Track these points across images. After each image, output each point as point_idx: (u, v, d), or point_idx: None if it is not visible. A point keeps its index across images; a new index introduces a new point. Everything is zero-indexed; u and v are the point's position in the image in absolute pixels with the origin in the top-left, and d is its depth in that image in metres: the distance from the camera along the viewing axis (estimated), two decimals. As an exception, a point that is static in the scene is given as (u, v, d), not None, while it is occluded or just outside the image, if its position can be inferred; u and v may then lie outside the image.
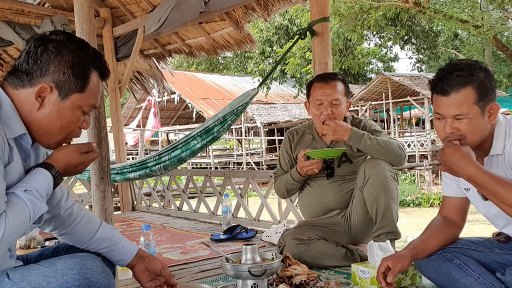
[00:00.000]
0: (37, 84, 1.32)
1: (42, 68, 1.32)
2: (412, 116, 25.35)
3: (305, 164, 2.56)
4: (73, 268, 1.22)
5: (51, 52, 1.32)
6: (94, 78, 1.39)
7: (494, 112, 1.61)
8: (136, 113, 23.16)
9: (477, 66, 1.61)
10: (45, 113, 1.34)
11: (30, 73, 1.32)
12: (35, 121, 1.34)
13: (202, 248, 3.24)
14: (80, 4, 2.82)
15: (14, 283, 1.22)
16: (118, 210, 5.60)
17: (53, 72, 1.32)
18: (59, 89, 1.33)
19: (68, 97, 1.34)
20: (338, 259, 2.51)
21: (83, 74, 1.36)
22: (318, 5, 3.50)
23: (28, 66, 1.32)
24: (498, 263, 1.71)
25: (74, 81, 1.34)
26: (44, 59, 1.32)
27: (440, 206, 1.92)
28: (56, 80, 1.33)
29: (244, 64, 29.35)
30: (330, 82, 2.63)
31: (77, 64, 1.35)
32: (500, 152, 1.63)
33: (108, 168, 2.96)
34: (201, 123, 5.18)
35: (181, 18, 4.24)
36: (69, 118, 1.36)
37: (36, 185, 1.28)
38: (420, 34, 25.07)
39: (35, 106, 1.32)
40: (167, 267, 1.65)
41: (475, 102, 1.58)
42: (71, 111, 1.36)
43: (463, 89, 1.58)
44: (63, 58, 1.33)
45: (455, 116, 1.59)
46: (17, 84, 1.33)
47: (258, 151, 22.03)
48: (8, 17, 5.06)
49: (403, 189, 12.93)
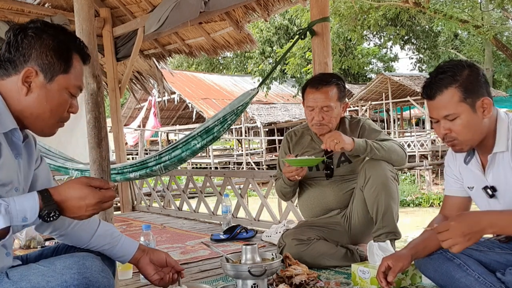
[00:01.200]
0: (22, 70, 1.33)
1: (25, 54, 1.33)
2: (412, 116, 25.35)
3: (286, 170, 2.55)
4: (72, 267, 1.22)
5: (31, 37, 1.34)
6: (76, 60, 1.41)
7: (488, 106, 1.61)
8: (136, 113, 23.14)
9: (459, 65, 1.64)
10: (34, 97, 1.35)
11: (14, 61, 1.33)
12: (25, 107, 1.34)
13: (202, 248, 3.24)
14: (80, 4, 2.82)
15: (13, 282, 1.21)
16: (118, 210, 5.60)
17: (35, 56, 1.34)
18: (44, 72, 1.35)
19: (54, 79, 1.36)
20: (338, 259, 2.51)
21: (65, 55, 1.37)
22: (318, 5, 3.50)
23: (11, 54, 1.33)
24: (499, 263, 1.70)
25: (57, 63, 1.36)
26: (25, 45, 1.33)
27: (442, 206, 1.92)
28: (40, 63, 1.34)
29: (244, 64, 29.34)
30: (321, 88, 2.58)
31: (58, 46, 1.36)
32: (504, 149, 1.63)
33: (108, 168, 2.96)
34: (201, 123, 5.18)
35: (181, 18, 4.24)
36: (58, 100, 1.37)
37: (13, 201, 1.17)
38: (420, 34, 25.06)
39: (23, 91, 1.33)
40: (170, 255, 1.65)
41: (461, 100, 1.60)
42: (59, 93, 1.37)
43: (446, 90, 1.61)
44: (43, 42, 1.34)
45: (444, 117, 1.63)
46: (2, 74, 1.34)
47: (258, 151, 22.02)
48: (8, 17, 5.06)
49: (403, 189, 12.92)
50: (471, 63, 1.66)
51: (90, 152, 3.01)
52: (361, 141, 2.45)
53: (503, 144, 1.63)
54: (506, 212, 1.54)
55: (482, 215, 1.53)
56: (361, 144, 2.43)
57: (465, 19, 16.12)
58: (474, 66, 1.64)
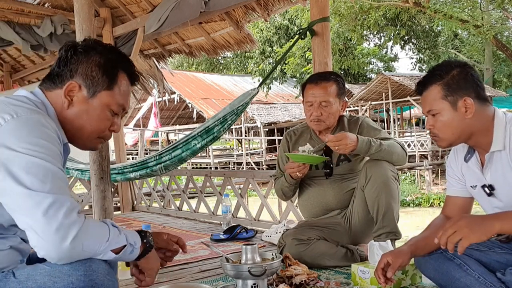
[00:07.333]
0: (66, 83, 1.37)
1: (72, 69, 1.37)
2: (412, 116, 25.33)
3: (288, 166, 2.56)
4: (79, 269, 1.22)
5: (79, 53, 1.38)
6: (123, 79, 1.43)
7: (470, 107, 1.63)
8: (136, 113, 23.15)
9: (449, 65, 1.69)
10: (75, 111, 1.38)
11: (61, 75, 1.38)
12: (66, 119, 1.38)
13: (202, 248, 3.24)
14: (80, 4, 2.83)
15: (20, 282, 1.22)
16: (118, 210, 5.59)
17: (81, 71, 1.37)
18: (88, 87, 1.38)
19: (97, 94, 1.38)
20: (338, 259, 2.51)
21: (111, 71, 1.40)
22: (318, 5, 3.50)
23: (59, 69, 1.39)
24: (499, 263, 1.70)
25: (102, 79, 1.38)
26: (73, 61, 1.38)
27: (443, 206, 1.92)
28: (84, 78, 1.38)
29: (244, 64, 29.35)
30: (320, 83, 2.61)
31: (105, 63, 1.39)
32: (501, 147, 1.64)
33: (108, 168, 2.96)
34: (201, 123, 5.17)
35: (181, 18, 4.24)
36: (98, 116, 1.40)
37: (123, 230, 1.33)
38: (420, 34, 25.04)
39: (65, 104, 1.37)
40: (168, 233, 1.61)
41: (442, 97, 1.66)
42: (100, 109, 1.39)
43: (430, 87, 1.69)
44: (91, 58, 1.38)
45: (428, 112, 1.71)
46: (50, 86, 1.39)
47: (258, 151, 22.02)
48: (8, 17, 5.06)
49: (403, 189, 12.91)
50: (463, 63, 1.70)
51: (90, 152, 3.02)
52: (365, 139, 2.45)
53: (500, 143, 1.64)
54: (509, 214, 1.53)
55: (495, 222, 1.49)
56: (365, 141, 2.44)
57: (465, 19, 16.13)
58: (465, 67, 1.68)
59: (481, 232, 1.45)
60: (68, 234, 1.16)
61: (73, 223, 1.17)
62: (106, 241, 1.24)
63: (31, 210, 1.15)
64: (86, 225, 1.20)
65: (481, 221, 1.47)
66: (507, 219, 1.48)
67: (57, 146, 1.26)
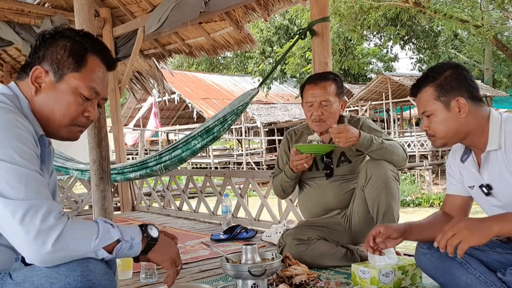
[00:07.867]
0: (32, 69, 1.34)
1: (39, 56, 1.35)
2: (412, 116, 25.34)
3: (295, 158, 2.55)
4: (76, 269, 1.21)
5: (46, 39, 1.36)
6: (93, 62, 1.38)
7: (463, 106, 1.65)
8: (136, 113, 23.17)
9: (443, 67, 1.72)
10: (43, 98, 1.34)
11: (30, 63, 1.36)
12: (36, 108, 1.34)
13: (202, 248, 3.24)
14: (80, 4, 2.83)
15: (17, 283, 1.21)
16: (118, 210, 5.59)
17: (48, 56, 1.35)
18: (54, 71, 1.34)
19: (64, 77, 1.34)
20: (338, 259, 2.51)
21: (78, 54, 1.35)
22: (318, 5, 3.50)
23: (30, 58, 1.37)
24: (499, 263, 1.71)
25: (67, 60, 1.34)
26: (41, 47, 1.35)
27: (443, 204, 1.93)
28: (50, 63, 1.34)
29: (244, 64, 29.35)
30: (319, 83, 2.62)
31: (71, 45, 1.36)
32: (496, 147, 1.64)
33: (108, 168, 2.96)
34: (201, 123, 5.17)
35: (181, 18, 4.24)
36: (67, 101, 1.34)
37: (116, 226, 1.27)
38: (420, 34, 25.04)
39: (32, 91, 1.33)
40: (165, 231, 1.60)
41: (435, 98, 1.69)
42: (68, 93, 1.34)
43: (424, 89, 1.73)
44: (57, 42, 1.35)
45: (422, 113, 1.74)
46: (21, 76, 1.37)
47: (258, 151, 22.03)
48: (8, 17, 5.06)
49: (403, 189, 12.91)
50: (456, 65, 1.73)
51: (90, 152, 3.02)
52: (368, 135, 2.45)
53: (495, 142, 1.65)
54: None
55: (493, 224, 1.49)
56: (367, 137, 2.43)
57: (465, 19, 16.13)
58: (457, 68, 1.71)
59: (480, 234, 1.45)
60: (47, 238, 1.14)
61: (51, 227, 1.14)
62: (95, 238, 1.21)
63: (8, 220, 1.13)
64: (69, 226, 1.17)
65: (480, 224, 1.47)
66: (506, 221, 1.48)
67: (31, 147, 1.22)
